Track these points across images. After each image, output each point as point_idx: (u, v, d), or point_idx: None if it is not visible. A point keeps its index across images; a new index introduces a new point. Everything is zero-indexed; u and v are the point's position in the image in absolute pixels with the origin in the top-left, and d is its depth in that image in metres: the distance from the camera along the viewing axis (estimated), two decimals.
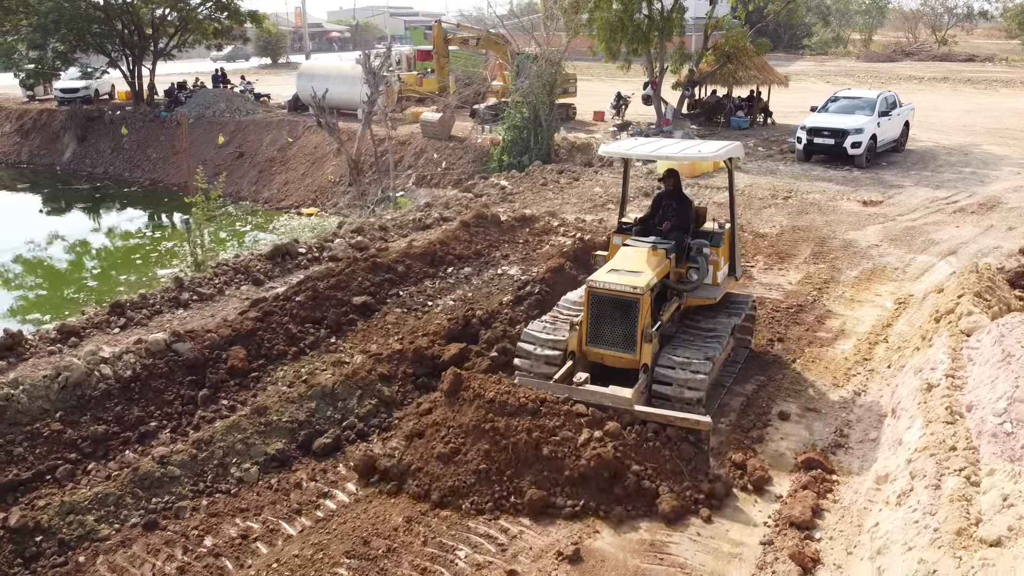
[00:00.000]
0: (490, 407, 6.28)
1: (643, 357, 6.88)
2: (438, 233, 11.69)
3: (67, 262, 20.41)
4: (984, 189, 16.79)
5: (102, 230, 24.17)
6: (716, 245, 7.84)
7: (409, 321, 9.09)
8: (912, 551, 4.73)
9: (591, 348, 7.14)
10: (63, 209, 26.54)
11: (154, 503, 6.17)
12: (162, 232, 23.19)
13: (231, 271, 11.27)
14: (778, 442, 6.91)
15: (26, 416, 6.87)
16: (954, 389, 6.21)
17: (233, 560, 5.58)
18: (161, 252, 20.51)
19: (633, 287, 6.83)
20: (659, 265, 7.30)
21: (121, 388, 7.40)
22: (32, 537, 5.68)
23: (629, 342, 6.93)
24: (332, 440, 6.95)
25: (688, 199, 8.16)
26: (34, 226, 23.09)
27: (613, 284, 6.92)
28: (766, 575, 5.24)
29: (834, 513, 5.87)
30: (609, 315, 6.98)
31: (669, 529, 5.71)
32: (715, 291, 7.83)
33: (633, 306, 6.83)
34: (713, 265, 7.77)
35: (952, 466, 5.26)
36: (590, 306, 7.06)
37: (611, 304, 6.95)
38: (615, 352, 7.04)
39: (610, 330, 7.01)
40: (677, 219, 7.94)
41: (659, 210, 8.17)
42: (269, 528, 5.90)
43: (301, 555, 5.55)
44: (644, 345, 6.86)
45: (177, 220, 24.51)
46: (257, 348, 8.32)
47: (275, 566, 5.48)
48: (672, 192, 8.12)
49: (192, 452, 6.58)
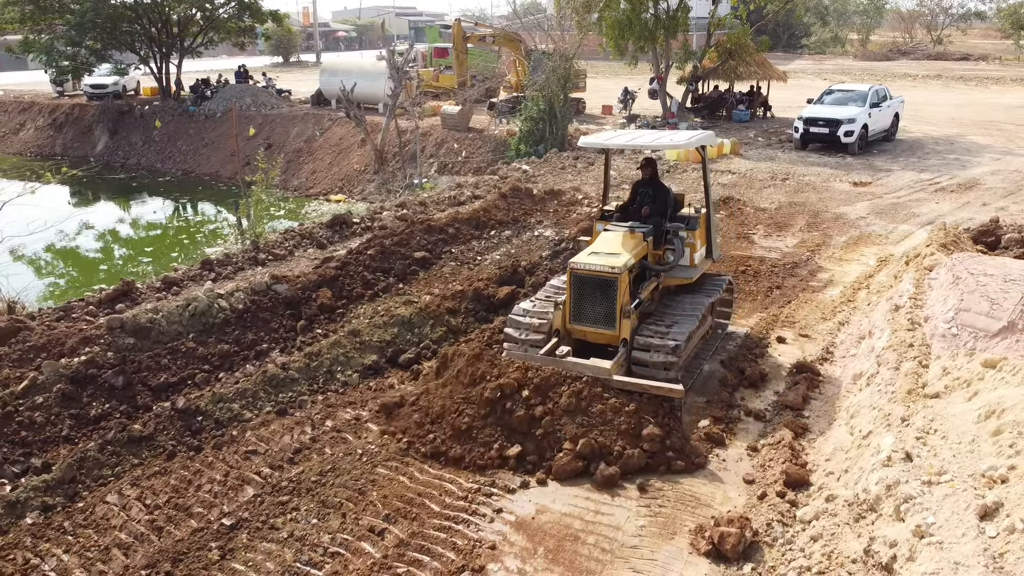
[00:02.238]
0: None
1: (622, 332, 7.30)
2: (480, 203, 13.31)
3: (121, 243, 22.02)
4: (965, 172, 18.39)
5: (146, 215, 25.75)
6: (692, 228, 8.23)
7: (463, 272, 10.70)
8: (875, 409, 6.33)
9: (574, 325, 7.56)
10: (106, 196, 28.11)
11: (281, 397, 7.77)
12: (203, 216, 24.79)
13: (297, 236, 12.89)
14: (777, 357, 8.52)
15: (166, 336, 8.48)
16: (916, 308, 7.80)
17: (352, 434, 7.17)
18: (204, 234, 22.13)
19: (611, 267, 7.25)
20: (637, 247, 7.74)
21: (236, 317, 9.01)
22: (195, 417, 7.28)
23: (609, 319, 7.34)
24: (413, 356, 8.56)
25: (665, 186, 8.61)
26: (86, 212, 24.66)
27: (593, 265, 7.34)
28: (766, 440, 6.83)
29: (819, 401, 7.47)
30: (590, 294, 7.40)
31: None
32: (692, 271, 8.24)
33: (612, 285, 7.25)
34: (689, 247, 8.17)
35: (909, 355, 6.87)
36: (572, 286, 7.47)
37: (592, 284, 7.35)
38: (596, 328, 7.46)
39: (591, 308, 7.43)
40: (655, 205, 8.35)
41: (637, 197, 8.61)
42: (375, 413, 7.49)
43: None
44: (623, 321, 7.28)
45: (210, 207, 26.16)
46: (339, 290, 9.93)
47: (384, 438, 7.07)
48: (649, 180, 8.53)
49: (305, 362, 8.19)
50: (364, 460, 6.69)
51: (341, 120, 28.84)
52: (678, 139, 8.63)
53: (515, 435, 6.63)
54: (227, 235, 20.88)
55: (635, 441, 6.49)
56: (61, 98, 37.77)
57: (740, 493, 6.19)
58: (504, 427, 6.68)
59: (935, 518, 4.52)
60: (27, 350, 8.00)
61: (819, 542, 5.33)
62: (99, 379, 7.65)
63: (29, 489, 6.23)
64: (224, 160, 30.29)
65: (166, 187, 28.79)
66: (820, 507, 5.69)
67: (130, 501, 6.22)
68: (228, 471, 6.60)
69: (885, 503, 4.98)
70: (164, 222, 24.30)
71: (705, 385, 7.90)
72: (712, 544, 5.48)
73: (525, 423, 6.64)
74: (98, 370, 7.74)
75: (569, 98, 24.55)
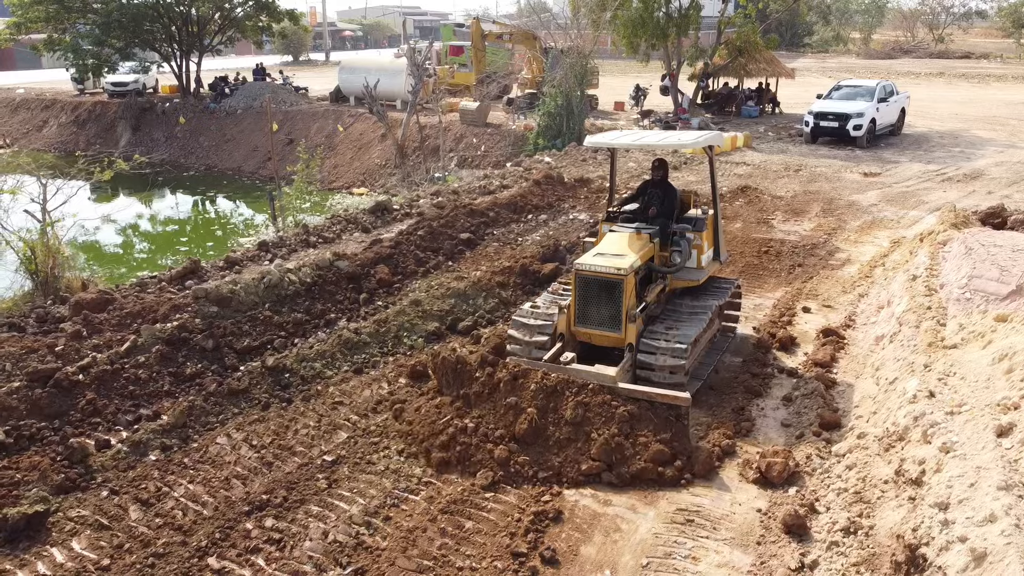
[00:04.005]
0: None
1: (628, 336, 7.18)
2: (516, 189, 14.11)
3: (158, 233, 22.83)
4: (970, 164, 19.18)
5: (178, 207, 26.55)
6: (699, 230, 8.10)
7: (505, 251, 11.49)
8: (898, 360, 7.12)
9: (579, 328, 7.44)
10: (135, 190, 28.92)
11: (355, 358, 8.56)
12: (233, 208, 25.58)
13: (344, 221, 13.67)
14: (803, 325, 9.30)
15: (245, 305, 9.26)
16: (931, 276, 8.60)
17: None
18: (236, 225, 22.91)
19: (617, 268, 7.11)
20: (643, 248, 7.58)
21: (305, 290, 9.79)
22: (282, 374, 8.07)
23: (615, 322, 7.22)
24: (470, 323, 9.35)
25: (673, 187, 8.41)
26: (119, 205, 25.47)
27: (598, 266, 7.19)
28: (799, 389, 7.61)
29: (845, 359, 8.26)
30: (595, 296, 7.26)
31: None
32: (698, 274, 8.07)
33: (617, 287, 7.11)
34: (696, 249, 8.02)
35: (927, 316, 7.65)
36: (577, 288, 7.35)
37: (597, 285, 7.21)
38: (601, 331, 7.33)
39: (596, 310, 7.30)
40: (662, 206, 8.20)
41: (644, 197, 8.48)
42: None
43: None
44: (629, 325, 7.15)
45: (238, 200, 26.94)
46: (395, 267, 10.73)
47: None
48: (659, 180, 8.39)
49: (375, 328, 8.98)
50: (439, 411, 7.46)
51: (361, 116, 29.64)
52: (685, 139, 8.39)
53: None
54: (259, 226, 21.67)
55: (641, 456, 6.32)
56: (82, 96, 38.56)
57: (779, 435, 6.97)
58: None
59: (958, 437, 5.30)
60: (124, 316, 8.79)
61: (853, 470, 6.12)
62: (191, 342, 8.44)
63: (149, 432, 7.01)
64: (247, 155, 31.12)
65: (191, 181, 29.57)
66: (853, 443, 6.48)
67: (238, 443, 7.00)
68: (320, 418, 7.39)
69: (913, 431, 5.76)
70: (190, 215, 25.09)
71: (740, 347, 8.69)
72: (760, 472, 6.27)
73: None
74: (189, 334, 8.52)
75: (585, 94, 25.33)
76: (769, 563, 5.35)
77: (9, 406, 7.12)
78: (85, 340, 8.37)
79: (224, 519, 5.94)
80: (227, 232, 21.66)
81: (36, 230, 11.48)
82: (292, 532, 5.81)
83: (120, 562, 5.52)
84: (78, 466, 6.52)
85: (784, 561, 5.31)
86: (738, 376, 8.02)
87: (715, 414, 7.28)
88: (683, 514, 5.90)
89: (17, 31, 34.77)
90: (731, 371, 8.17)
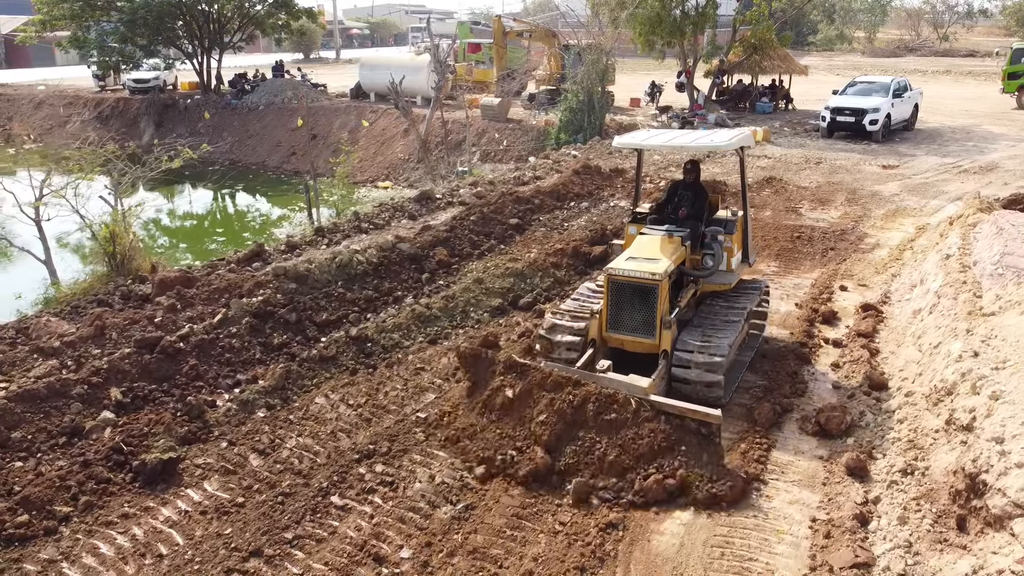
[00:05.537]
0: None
1: (662, 343, 7.05)
2: (557, 178, 14.76)
3: (192, 226, 23.49)
4: (984, 157, 19.80)
5: (209, 201, 27.20)
6: (729, 232, 7.96)
7: (552, 236, 12.14)
8: (939, 328, 7.76)
9: (611, 334, 7.29)
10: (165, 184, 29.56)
11: (428, 331, 9.20)
12: (263, 201, 26.24)
13: (391, 209, 14.31)
14: (842, 302, 9.94)
15: (319, 283, 9.91)
16: (964, 255, 9.22)
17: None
18: (269, 216, 23.56)
19: (652, 273, 6.98)
20: (675, 252, 7.44)
21: (372, 269, 10.44)
22: (364, 343, 8.71)
23: (649, 328, 7.09)
24: (530, 299, 9.99)
25: (704, 189, 8.30)
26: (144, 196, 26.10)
27: (632, 271, 7.05)
28: (845, 357, 8.25)
29: (885, 331, 8.90)
30: (628, 301, 7.13)
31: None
32: (730, 277, 8.00)
33: (652, 292, 6.99)
34: (727, 252, 7.91)
35: (964, 289, 8.28)
36: (610, 293, 7.21)
37: (630, 290, 7.09)
38: (635, 337, 7.19)
39: (629, 316, 7.17)
40: (693, 207, 8.08)
41: (674, 198, 8.34)
42: (509, 340, 8.90)
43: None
44: (663, 332, 7.04)
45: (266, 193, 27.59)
46: (451, 249, 11.37)
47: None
48: (691, 182, 8.28)
49: (443, 303, 9.62)
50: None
51: (383, 112, 30.28)
52: (718, 140, 8.10)
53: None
54: (291, 217, 22.33)
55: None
56: (103, 92, 39.18)
57: (832, 396, 7.61)
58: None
59: (1005, 387, 5.93)
60: (212, 292, 9.44)
61: (905, 423, 6.77)
62: (275, 315, 9.08)
63: (253, 392, 7.66)
64: (270, 150, 31.77)
65: (216, 176, 30.18)
66: (901, 400, 7.13)
67: (335, 402, 7.65)
68: (406, 382, 8.03)
69: (961, 386, 6.39)
70: (221, 207, 25.75)
71: (785, 320, 9.33)
72: (819, 425, 6.91)
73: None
74: (273, 308, 9.16)
75: (606, 90, 25.97)
76: (836, 499, 5.99)
77: (123, 370, 7.77)
78: (179, 312, 9.02)
79: (337, 465, 6.59)
80: (263, 224, 22.29)
81: (106, 216, 12.15)
82: (401, 476, 6.46)
83: (252, 500, 6.16)
84: (196, 421, 7.16)
85: (850, 497, 5.95)
86: (788, 345, 8.66)
87: (771, 378, 7.92)
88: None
89: (42, 28, 35.45)
90: (781, 341, 8.81)
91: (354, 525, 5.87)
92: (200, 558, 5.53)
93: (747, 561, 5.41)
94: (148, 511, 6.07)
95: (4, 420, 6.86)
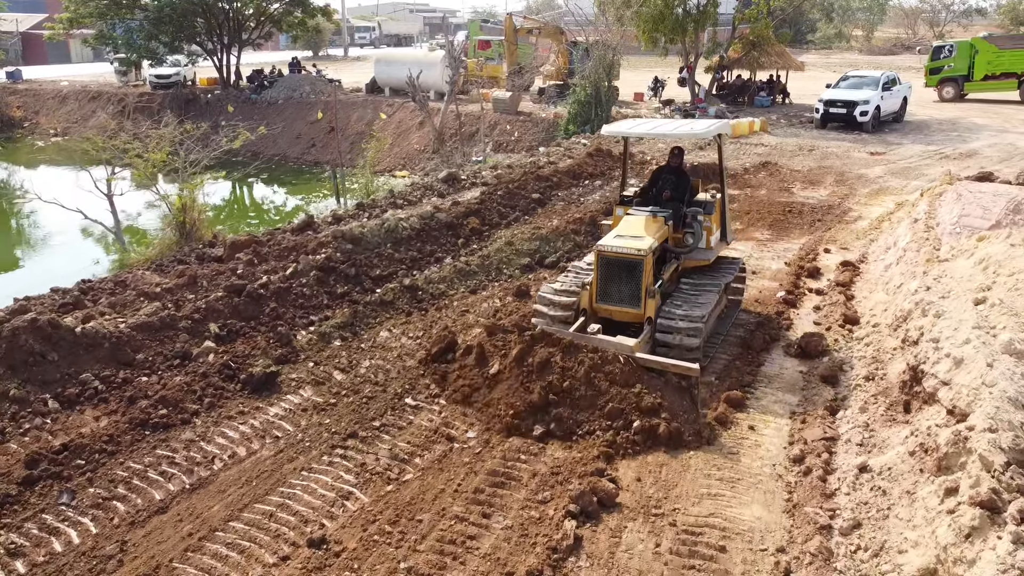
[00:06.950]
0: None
1: (647, 312, 7.72)
2: (570, 161, 16.25)
3: (227, 211, 25.00)
4: (966, 145, 21.29)
5: (237, 189, 28.66)
6: (709, 213, 8.65)
7: (571, 208, 13.63)
8: (903, 274, 9.25)
9: (600, 305, 7.93)
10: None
11: (468, 283, 10.70)
12: (289, 189, 27.78)
13: (422, 188, 15.81)
14: (825, 261, 11.43)
15: (371, 245, 11.40)
16: (929, 219, 10.71)
17: (523, 304, 10.08)
18: (294, 203, 25.05)
19: (637, 249, 7.61)
20: (659, 230, 8.08)
21: (415, 234, 11.94)
22: (416, 291, 10.20)
23: (634, 299, 7.74)
24: (555, 259, 11.49)
25: (686, 174, 8.95)
26: None
27: (620, 247, 7.69)
28: (825, 303, 9.75)
29: (860, 282, 10.39)
30: (616, 275, 7.76)
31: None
32: (709, 254, 8.67)
33: (638, 266, 7.62)
34: (706, 231, 8.60)
35: (926, 244, 9.78)
36: (599, 268, 7.86)
37: (618, 265, 7.72)
38: (622, 308, 7.84)
39: (617, 288, 7.81)
40: (675, 190, 8.75)
41: (658, 182, 9.00)
42: (536, 290, 10.38)
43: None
44: (648, 301, 7.69)
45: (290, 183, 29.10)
46: (482, 219, 12.85)
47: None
48: (675, 167, 8.91)
49: (480, 261, 11.13)
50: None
51: (399, 106, 31.78)
52: (697, 128, 8.87)
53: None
54: (317, 203, 23.84)
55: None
56: (125, 87, 40.67)
57: (811, 328, 9.10)
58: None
59: (946, 309, 7.43)
60: (281, 250, 10.93)
61: (871, 346, 8.27)
62: (337, 269, 10.57)
63: (328, 327, 9.16)
64: (290, 142, 33.26)
65: (240, 166, 31.69)
66: (868, 330, 8.62)
67: (397, 335, 9.14)
68: (455, 319, 9.53)
69: (915, 312, 7.89)
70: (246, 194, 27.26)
71: (775, 276, 10.82)
72: (800, 348, 8.40)
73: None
74: (334, 264, 10.65)
75: (612, 84, 27.46)
76: (812, 399, 7.49)
77: (217, 309, 9.27)
78: (256, 266, 10.51)
79: (407, 378, 8.08)
80: (293, 210, 23.79)
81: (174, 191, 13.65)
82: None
83: (342, 401, 7.66)
84: (287, 347, 8.66)
85: (823, 396, 7.45)
86: (776, 294, 10.15)
87: (762, 316, 9.41)
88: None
89: (70, 26, 36.95)
90: (770, 292, 10.30)
91: (426, 418, 7.37)
92: (308, 439, 7.02)
93: (740, 439, 6.90)
94: (259, 410, 7.56)
95: (130, 345, 8.37)
